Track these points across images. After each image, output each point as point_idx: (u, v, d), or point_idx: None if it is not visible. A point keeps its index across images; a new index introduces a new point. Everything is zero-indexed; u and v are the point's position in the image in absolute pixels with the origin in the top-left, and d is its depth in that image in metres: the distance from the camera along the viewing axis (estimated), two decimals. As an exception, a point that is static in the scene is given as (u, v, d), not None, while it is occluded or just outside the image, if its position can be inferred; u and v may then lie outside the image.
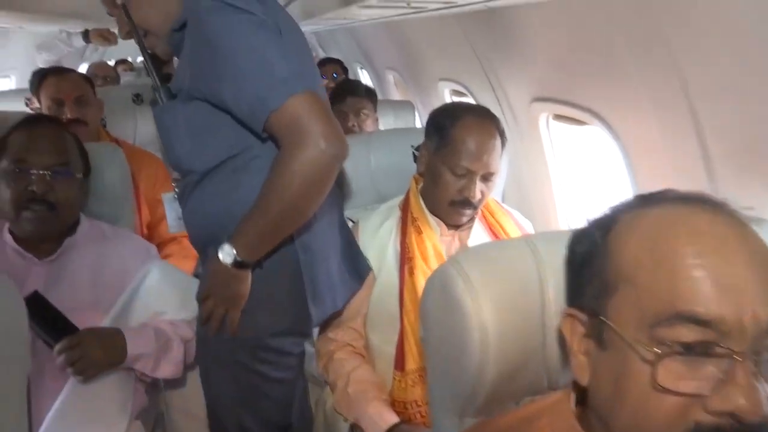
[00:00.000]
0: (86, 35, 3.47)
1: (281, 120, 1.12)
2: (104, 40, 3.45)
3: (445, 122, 1.55)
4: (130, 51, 5.57)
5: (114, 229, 1.57)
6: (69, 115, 2.05)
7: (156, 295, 1.47)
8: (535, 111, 1.85)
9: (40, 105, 2.17)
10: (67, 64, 3.82)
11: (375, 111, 2.42)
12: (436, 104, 2.84)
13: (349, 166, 1.79)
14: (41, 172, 1.38)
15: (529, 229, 1.72)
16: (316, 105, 1.12)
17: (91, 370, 1.31)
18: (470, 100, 2.36)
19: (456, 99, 2.62)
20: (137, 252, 1.53)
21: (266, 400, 1.36)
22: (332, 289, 1.39)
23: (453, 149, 1.51)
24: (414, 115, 2.84)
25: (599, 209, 0.69)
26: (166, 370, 1.42)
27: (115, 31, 3.56)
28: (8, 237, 1.43)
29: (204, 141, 1.25)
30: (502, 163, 1.58)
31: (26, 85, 2.65)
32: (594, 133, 1.67)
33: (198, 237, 1.37)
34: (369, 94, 2.45)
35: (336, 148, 1.12)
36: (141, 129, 2.60)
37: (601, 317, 0.62)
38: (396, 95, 3.74)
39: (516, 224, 1.68)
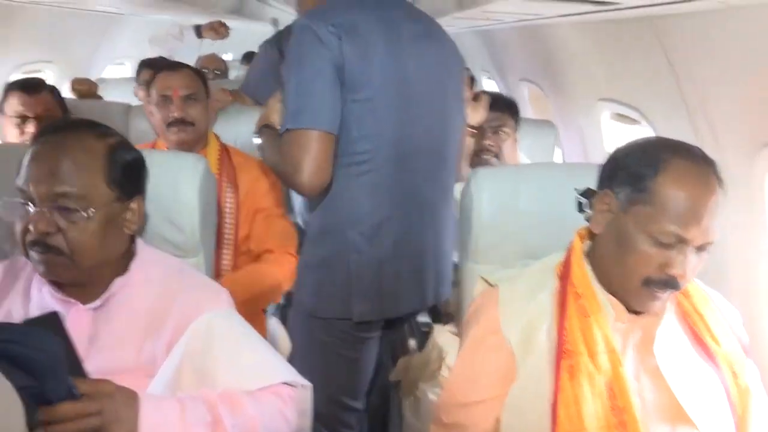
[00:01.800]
0: (198, 30, 3.29)
1: (283, 141, 1.43)
2: (216, 34, 3.25)
3: (644, 167, 1.09)
4: (242, 46, 5.40)
5: (180, 266, 1.21)
6: (176, 114, 1.88)
7: (212, 354, 1.08)
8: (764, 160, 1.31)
9: (149, 97, 2.00)
10: (184, 59, 3.70)
11: (516, 130, 1.98)
12: (588, 129, 2.36)
13: (489, 207, 1.35)
14: (39, 208, 1.03)
15: (737, 323, 1.21)
16: (307, 144, 1.39)
17: None
18: (647, 130, 1.83)
19: (620, 125, 2.10)
20: (205, 297, 1.16)
21: (335, 378, 1.56)
22: (387, 295, 1.50)
23: (658, 208, 1.06)
24: (554, 139, 2.35)
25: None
26: None
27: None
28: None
29: None
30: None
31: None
32: None
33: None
34: (510, 109, 2.06)
35: (302, 186, 1.42)
36: (242, 129, 2.28)
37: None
38: (529, 112, 3.21)
39: (720, 315, 1.21)
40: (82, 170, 1.04)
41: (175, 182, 1.29)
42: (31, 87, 2.05)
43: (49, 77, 2.93)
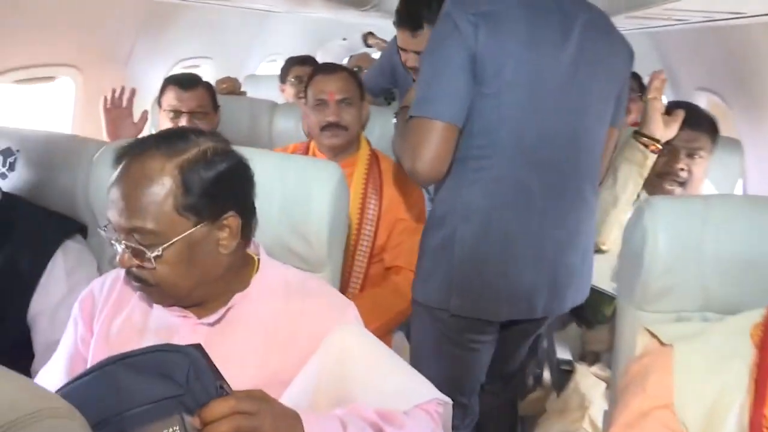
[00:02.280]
0: (365, 39, 3.28)
1: (407, 128, 1.42)
2: (381, 43, 3.22)
3: None
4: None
5: (304, 278, 1.11)
6: (330, 118, 1.86)
7: (350, 374, 0.98)
8: None
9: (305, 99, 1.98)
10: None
11: (711, 154, 1.68)
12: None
13: (666, 246, 1.12)
14: (121, 242, 0.96)
15: None
16: (429, 135, 1.36)
17: None
18: None
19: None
20: (332, 312, 1.06)
21: (440, 365, 1.56)
22: (480, 292, 1.46)
23: None
24: (740, 162, 1.98)
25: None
26: None
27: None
28: None
29: None
30: None
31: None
32: None
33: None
34: (711, 128, 1.69)
35: (419, 176, 1.41)
36: (376, 131, 2.19)
37: None
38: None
39: None
40: (150, 202, 0.93)
41: (306, 190, 1.20)
42: (186, 82, 2.10)
43: (207, 73, 3.06)
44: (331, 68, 1.96)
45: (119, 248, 0.96)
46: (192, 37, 2.78)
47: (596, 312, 1.75)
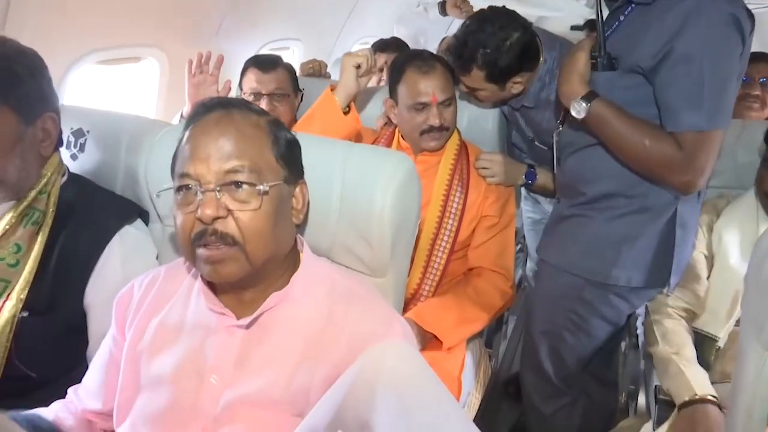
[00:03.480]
0: (442, 7, 3.07)
1: (686, 140, 1.33)
2: (459, 11, 3.00)
3: None
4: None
5: (350, 284, 0.99)
6: (435, 122, 1.74)
7: (380, 401, 0.81)
8: None
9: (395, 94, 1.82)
10: (430, 38, 3.54)
11: None
12: None
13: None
14: (211, 189, 0.91)
15: None
16: (714, 146, 1.34)
17: None
18: None
19: None
20: (375, 326, 0.93)
21: (587, 337, 1.64)
22: (683, 265, 1.57)
23: None
24: None
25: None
26: None
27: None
28: (201, 282, 0.98)
29: (630, 110, 1.38)
30: None
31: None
32: None
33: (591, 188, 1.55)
34: None
35: (695, 187, 1.39)
36: (465, 119, 2.00)
37: None
38: None
39: None
40: (253, 143, 0.92)
41: (369, 184, 1.06)
42: (266, 64, 2.03)
43: (295, 55, 2.99)
44: (429, 65, 1.74)
45: (208, 196, 0.88)
46: (281, 18, 2.71)
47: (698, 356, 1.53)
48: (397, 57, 1.82)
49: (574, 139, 1.55)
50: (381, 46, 2.85)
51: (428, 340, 1.65)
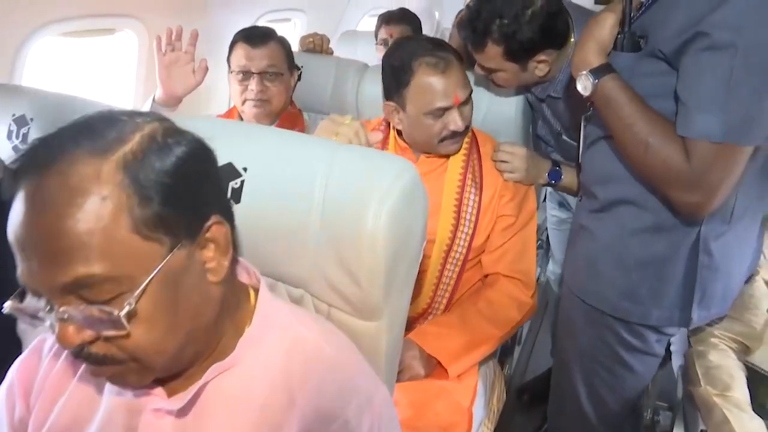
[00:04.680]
0: None
1: (696, 149, 1.04)
2: None
3: None
4: None
5: (322, 337, 0.75)
6: (457, 128, 1.47)
7: None
8: None
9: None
10: (446, 10, 3.25)
11: None
12: None
13: None
14: (56, 311, 0.62)
15: None
16: (733, 164, 1.04)
17: None
18: None
19: None
20: (350, 396, 0.71)
21: (622, 368, 1.35)
22: (726, 295, 1.27)
23: None
24: None
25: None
26: None
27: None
28: None
29: (648, 103, 1.11)
30: None
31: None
32: None
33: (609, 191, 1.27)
34: None
35: (703, 210, 1.10)
36: (483, 106, 1.73)
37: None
38: None
39: None
40: (92, 232, 0.57)
41: (360, 200, 0.80)
42: (256, 38, 1.77)
43: (297, 28, 2.72)
44: (444, 59, 1.43)
45: (55, 323, 0.60)
46: (280, -13, 2.44)
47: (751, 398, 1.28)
48: (394, 52, 1.49)
49: (594, 128, 1.28)
50: (387, 18, 2.60)
51: (434, 366, 1.42)
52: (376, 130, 1.60)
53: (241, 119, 1.82)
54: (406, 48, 1.48)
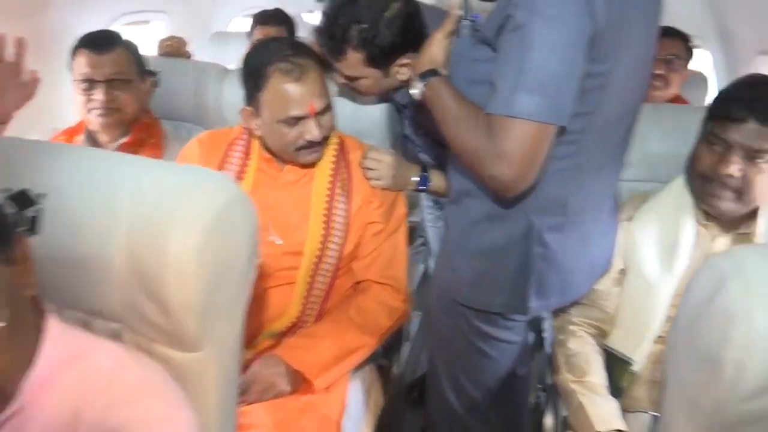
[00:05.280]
0: None
1: (491, 123, 1.08)
2: None
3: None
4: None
5: (118, 362, 0.71)
6: (313, 138, 1.44)
7: None
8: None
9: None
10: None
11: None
12: None
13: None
14: None
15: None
16: (525, 137, 1.06)
17: None
18: None
19: None
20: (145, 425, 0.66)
21: (477, 356, 1.39)
22: (565, 286, 1.32)
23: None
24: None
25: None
26: None
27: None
28: None
29: (475, 89, 1.14)
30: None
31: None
32: None
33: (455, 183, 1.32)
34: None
35: (502, 184, 1.10)
36: (348, 110, 1.71)
37: None
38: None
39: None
40: None
41: (166, 223, 0.74)
42: (100, 43, 1.65)
43: (159, 31, 2.57)
44: (300, 66, 1.36)
45: None
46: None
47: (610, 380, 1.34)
48: (252, 54, 1.42)
49: None
50: (262, 18, 2.51)
51: (301, 380, 1.37)
52: (237, 138, 1.55)
53: (90, 134, 1.70)
54: (263, 51, 1.41)
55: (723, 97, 1.27)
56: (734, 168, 1.20)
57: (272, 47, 1.41)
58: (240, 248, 0.80)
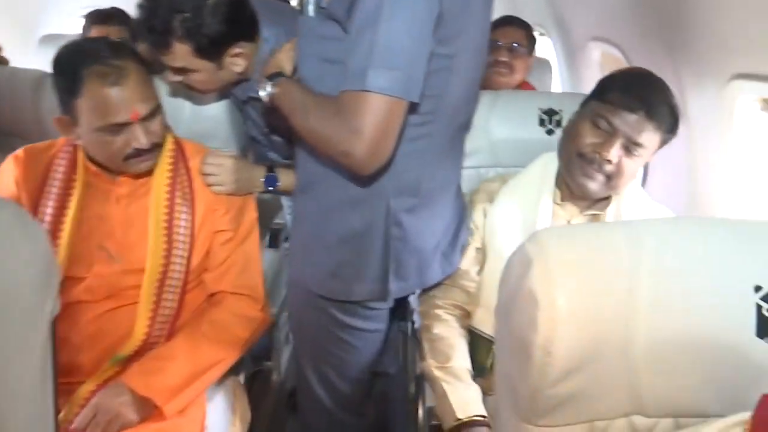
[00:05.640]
0: None
1: (340, 101, 1.08)
2: None
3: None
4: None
5: None
6: (141, 146, 1.33)
7: None
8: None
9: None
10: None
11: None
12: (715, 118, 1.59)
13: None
14: None
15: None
16: (373, 111, 1.06)
17: None
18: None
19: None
20: None
21: (340, 348, 1.40)
22: (421, 267, 1.33)
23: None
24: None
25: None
26: None
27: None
28: None
29: (326, 69, 1.16)
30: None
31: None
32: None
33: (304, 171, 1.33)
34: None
35: (354, 159, 1.10)
36: (186, 111, 1.62)
37: None
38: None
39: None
40: None
41: None
42: None
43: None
44: (117, 68, 1.23)
45: None
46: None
47: (472, 359, 1.36)
48: (63, 56, 1.27)
49: None
50: (100, 17, 2.31)
51: (151, 407, 1.27)
52: (60, 151, 1.40)
53: None
54: (75, 52, 1.27)
55: (619, 85, 1.28)
56: (615, 153, 1.24)
57: (86, 48, 1.28)
58: (18, 281, 0.68)
